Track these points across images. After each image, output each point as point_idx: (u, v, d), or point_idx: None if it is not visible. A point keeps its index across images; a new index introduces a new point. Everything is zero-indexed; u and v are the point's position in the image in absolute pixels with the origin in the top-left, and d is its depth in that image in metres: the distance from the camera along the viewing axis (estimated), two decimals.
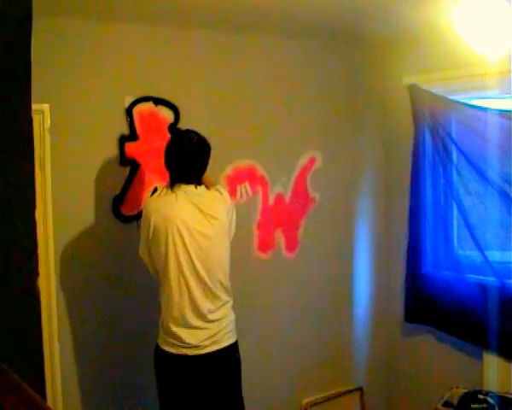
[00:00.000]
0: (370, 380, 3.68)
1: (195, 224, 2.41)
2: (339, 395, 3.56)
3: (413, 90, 3.33)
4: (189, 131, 2.54)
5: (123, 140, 2.85)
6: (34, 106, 1.52)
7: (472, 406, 2.88)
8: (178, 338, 2.39)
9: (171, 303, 2.41)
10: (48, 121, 2.65)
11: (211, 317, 2.44)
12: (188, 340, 2.39)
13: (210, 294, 2.43)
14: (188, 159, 2.46)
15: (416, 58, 3.38)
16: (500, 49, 2.73)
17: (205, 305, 2.42)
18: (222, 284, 2.48)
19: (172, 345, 2.41)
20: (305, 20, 2.96)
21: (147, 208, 2.47)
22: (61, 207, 2.71)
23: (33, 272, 1.50)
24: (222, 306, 2.48)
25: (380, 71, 3.58)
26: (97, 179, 2.81)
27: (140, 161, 2.89)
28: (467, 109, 3.12)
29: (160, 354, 2.46)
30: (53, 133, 2.67)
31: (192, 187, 2.45)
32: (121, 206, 2.85)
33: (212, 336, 2.43)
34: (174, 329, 2.40)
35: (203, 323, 2.42)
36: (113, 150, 2.83)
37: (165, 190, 2.49)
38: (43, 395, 1.57)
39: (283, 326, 3.38)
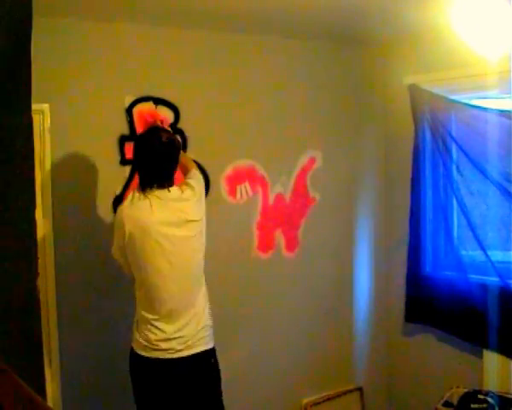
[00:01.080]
0: (370, 380, 3.68)
1: (174, 230, 2.33)
2: (339, 395, 3.55)
3: (413, 89, 3.33)
4: (156, 130, 2.43)
5: (123, 140, 2.85)
6: (34, 106, 1.52)
7: (472, 406, 2.88)
8: (151, 341, 2.35)
9: (147, 308, 2.36)
10: (48, 121, 2.65)
11: (185, 321, 2.37)
12: (160, 343, 2.34)
13: (188, 298, 2.39)
14: (159, 161, 2.35)
15: (416, 58, 3.38)
16: (500, 49, 2.73)
17: (181, 311, 2.36)
18: (200, 287, 2.45)
19: (145, 348, 2.36)
20: (305, 20, 2.95)
21: (120, 216, 2.36)
22: (61, 207, 2.71)
23: (33, 272, 1.50)
24: (198, 311, 2.42)
25: (380, 71, 3.58)
26: (97, 179, 2.81)
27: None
28: (467, 109, 3.13)
29: (133, 357, 2.41)
30: (53, 133, 2.67)
31: (165, 191, 2.34)
32: None
33: (186, 341, 2.36)
34: (147, 333, 2.36)
35: (177, 329, 2.36)
36: (113, 150, 2.83)
37: (137, 195, 2.36)
38: (43, 395, 1.57)
39: (283, 326, 3.38)
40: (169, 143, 2.37)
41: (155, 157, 2.34)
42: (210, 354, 2.45)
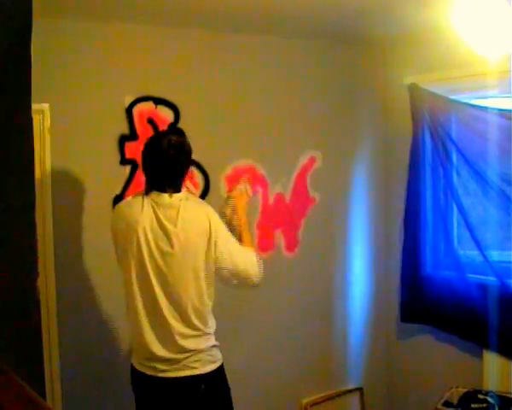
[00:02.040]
0: (370, 380, 3.68)
1: (156, 239, 2.14)
2: (339, 395, 3.56)
3: (413, 89, 3.33)
4: (167, 133, 2.34)
5: (123, 140, 2.85)
6: (34, 106, 1.52)
7: (472, 406, 2.88)
8: (138, 354, 2.24)
9: (132, 323, 2.21)
10: (48, 121, 2.65)
11: (173, 347, 2.16)
12: (144, 360, 2.20)
13: (170, 320, 2.16)
14: (165, 163, 2.18)
15: (416, 58, 3.38)
16: (500, 48, 2.72)
17: (165, 332, 2.16)
18: (193, 312, 2.18)
19: (136, 359, 2.25)
20: (305, 20, 2.96)
21: (114, 212, 2.32)
22: (61, 207, 2.71)
23: (33, 272, 1.50)
24: (191, 336, 2.18)
25: (380, 71, 3.58)
26: (97, 179, 2.81)
27: (140, 161, 2.88)
28: (467, 109, 3.13)
29: (131, 367, 2.30)
30: (53, 133, 2.67)
31: (165, 196, 2.18)
32: None
33: (172, 362, 2.16)
34: (134, 346, 2.27)
35: (164, 350, 2.16)
36: (113, 150, 2.83)
37: (138, 196, 2.25)
38: (43, 395, 1.57)
39: (283, 326, 3.38)
40: (178, 144, 2.21)
41: (162, 157, 2.19)
42: (200, 381, 2.19)
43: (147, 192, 2.22)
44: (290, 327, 3.40)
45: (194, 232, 2.19)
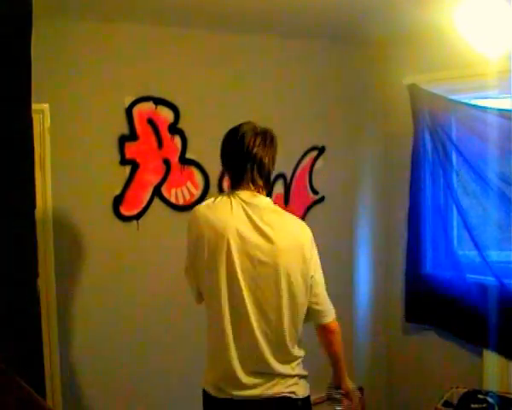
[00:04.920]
0: (370, 380, 3.68)
1: (249, 246, 1.86)
2: None
3: (413, 90, 3.33)
4: (250, 122, 2.05)
5: (123, 140, 2.85)
6: (34, 106, 1.52)
7: (472, 406, 2.88)
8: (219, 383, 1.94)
9: (214, 345, 1.96)
10: (48, 121, 2.65)
11: (267, 370, 1.93)
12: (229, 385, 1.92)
13: (268, 342, 1.97)
14: (248, 153, 1.93)
15: (416, 58, 3.38)
16: (500, 48, 2.73)
17: (260, 356, 1.94)
18: (284, 333, 1.98)
19: (213, 386, 1.96)
20: (305, 20, 2.96)
21: (193, 216, 1.94)
22: (61, 207, 2.71)
23: (33, 272, 1.51)
24: (285, 362, 1.99)
25: (380, 71, 3.58)
26: (97, 179, 2.81)
27: (140, 161, 2.89)
28: (467, 109, 3.13)
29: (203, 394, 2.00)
30: (53, 133, 2.67)
31: (252, 194, 1.91)
32: (121, 206, 2.85)
33: (262, 382, 1.94)
34: (216, 379, 1.95)
35: (254, 378, 1.93)
36: (113, 150, 2.83)
37: (223, 196, 1.95)
38: (43, 395, 1.57)
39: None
40: (263, 133, 2.01)
41: (245, 147, 1.94)
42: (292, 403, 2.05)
43: (232, 190, 1.96)
44: None
45: (293, 243, 2.04)
